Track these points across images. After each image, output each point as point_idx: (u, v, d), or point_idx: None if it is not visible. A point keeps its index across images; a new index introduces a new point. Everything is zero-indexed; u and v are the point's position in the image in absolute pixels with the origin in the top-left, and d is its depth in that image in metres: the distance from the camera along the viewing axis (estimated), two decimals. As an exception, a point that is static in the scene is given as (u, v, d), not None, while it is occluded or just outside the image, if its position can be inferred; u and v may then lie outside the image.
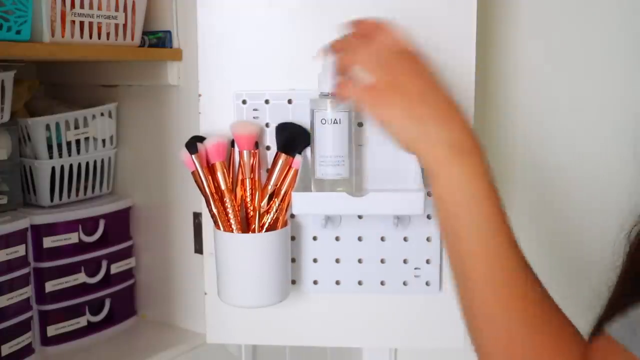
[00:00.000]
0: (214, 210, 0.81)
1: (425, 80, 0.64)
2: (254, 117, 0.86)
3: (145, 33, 1.00)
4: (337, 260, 0.88)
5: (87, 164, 1.07)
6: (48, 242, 0.99)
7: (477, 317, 0.59)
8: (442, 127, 0.61)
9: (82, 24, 0.87)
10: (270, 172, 0.83)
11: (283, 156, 0.82)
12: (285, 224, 0.83)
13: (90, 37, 0.89)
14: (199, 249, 1.03)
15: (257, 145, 0.84)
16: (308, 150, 0.84)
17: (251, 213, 0.83)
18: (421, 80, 0.64)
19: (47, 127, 1.00)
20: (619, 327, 0.51)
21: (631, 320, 0.50)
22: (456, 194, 0.60)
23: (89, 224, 1.05)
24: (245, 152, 0.82)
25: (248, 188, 0.82)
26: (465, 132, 0.61)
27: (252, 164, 0.82)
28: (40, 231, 0.98)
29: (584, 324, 0.60)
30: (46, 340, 1.00)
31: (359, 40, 0.68)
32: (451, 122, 0.61)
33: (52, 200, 1.02)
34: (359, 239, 0.87)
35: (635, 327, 0.50)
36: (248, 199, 0.83)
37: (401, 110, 0.62)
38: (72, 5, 0.85)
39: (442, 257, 0.87)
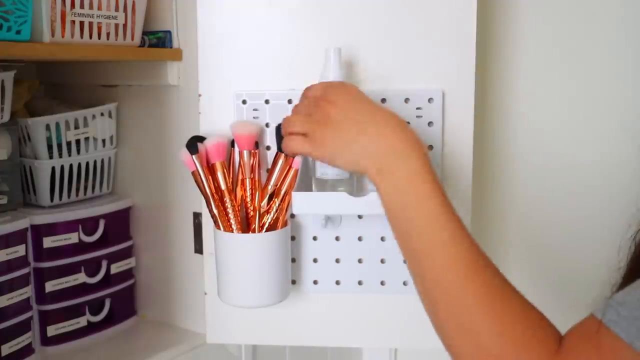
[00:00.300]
0: (214, 211, 0.81)
1: (343, 108, 0.69)
2: (254, 117, 0.86)
3: (145, 33, 1.00)
4: (337, 260, 0.88)
5: (87, 164, 1.07)
6: (48, 242, 0.99)
7: (441, 317, 0.60)
8: (372, 140, 0.66)
9: (82, 24, 0.87)
10: (270, 172, 0.83)
11: (283, 156, 0.82)
12: (285, 224, 0.83)
13: (90, 37, 0.89)
14: (199, 249, 1.03)
15: (257, 145, 0.84)
16: (308, 150, 0.84)
17: (251, 213, 0.83)
18: (340, 109, 0.68)
19: (47, 127, 1.00)
20: (600, 305, 0.52)
21: (612, 299, 0.52)
22: (396, 200, 0.63)
23: (89, 224, 1.05)
24: (245, 152, 0.82)
25: (248, 188, 0.82)
26: (396, 138, 0.65)
27: (252, 164, 0.82)
28: (40, 231, 0.98)
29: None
30: (46, 340, 1.00)
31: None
32: (380, 134, 0.66)
33: (52, 200, 1.02)
34: (359, 239, 0.87)
35: (611, 302, 0.51)
36: (248, 199, 0.83)
37: (333, 143, 0.68)
38: (72, 5, 0.85)
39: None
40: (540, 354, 0.55)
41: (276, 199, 0.82)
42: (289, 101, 0.85)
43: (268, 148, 0.86)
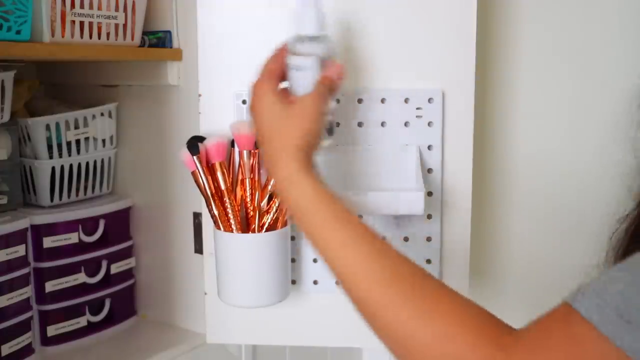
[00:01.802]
0: (214, 211, 0.81)
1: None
2: (254, 117, 0.86)
3: (145, 33, 1.00)
4: (337, 260, 0.88)
5: (87, 164, 1.07)
6: (48, 242, 0.99)
7: (377, 332, 0.59)
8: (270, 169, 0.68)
9: (82, 24, 0.87)
10: (270, 172, 0.83)
11: (283, 156, 0.82)
12: (285, 224, 0.83)
13: (90, 37, 0.89)
14: (199, 249, 1.03)
15: (257, 145, 0.84)
16: (308, 150, 0.84)
17: (251, 213, 0.83)
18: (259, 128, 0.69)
19: (47, 127, 1.00)
20: (577, 295, 0.48)
21: (589, 289, 0.48)
22: (300, 224, 0.64)
23: (89, 224, 1.05)
24: (245, 152, 0.82)
25: (248, 188, 0.82)
26: (275, 169, 0.66)
27: (252, 164, 0.82)
28: (40, 231, 0.98)
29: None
30: (46, 340, 1.00)
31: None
32: (272, 164, 0.67)
33: (52, 200, 1.02)
34: (359, 239, 0.87)
35: (584, 288, 0.48)
36: (248, 199, 0.83)
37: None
38: (72, 5, 0.85)
39: (442, 257, 0.87)
40: (491, 350, 0.50)
41: (276, 199, 0.82)
42: (289, 101, 0.85)
43: (268, 148, 0.86)
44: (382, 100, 0.84)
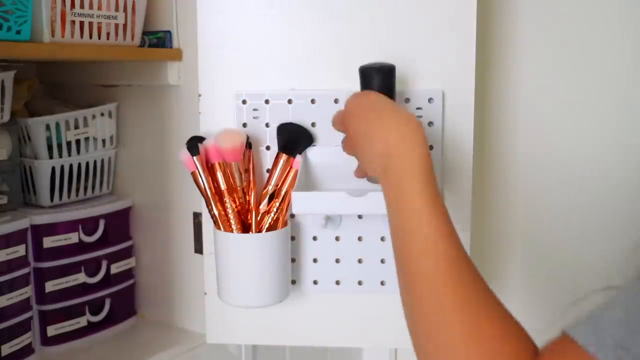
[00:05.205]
0: (214, 211, 0.81)
1: (353, 119, 0.71)
2: (254, 117, 0.86)
3: (145, 33, 1.00)
4: (337, 260, 0.88)
5: (87, 164, 1.07)
6: (48, 242, 0.99)
7: (415, 317, 0.58)
8: (379, 142, 0.66)
9: (82, 24, 0.87)
10: (270, 172, 0.83)
11: (284, 156, 0.82)
12: (285, 224, 0.83)
13: (90, 37, 0.89)
14: (199, 249, 1.03)
15: (250, 145, 0.84)
16: (308, 150, 0.84)
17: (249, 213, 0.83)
18: (351, 121, 0.72)
19: (47, 127, 1.00)
20: (576, 324, 0.48)
21: (588, 317, 0.48)
22: (389, 195, 0.64)
23: (89, 224, 1.05)
24: (233, 165, 0.81)
25: (242, 194, 0.82)
26: (398, 138, 0.65)
27: (242, 171, 0.81)
28: (40, 231, 0.98)
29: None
30: (46, 340, 1.00)
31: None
32: (384, 137, 0.66)
33: (52, 200, 1.02)
34: (359, 239, 0.87)
35: (589, 322, 0.47)
36: (251, 199, 0.83)
37: (355, 153, 0.73)
38: (72, 5, 0.85)
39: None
40: None
41: (276, 200, 0.82)
42: (289, 101, 0.85)
43: (268, 148, 0.86)
44: (382, 100, 0.84)
